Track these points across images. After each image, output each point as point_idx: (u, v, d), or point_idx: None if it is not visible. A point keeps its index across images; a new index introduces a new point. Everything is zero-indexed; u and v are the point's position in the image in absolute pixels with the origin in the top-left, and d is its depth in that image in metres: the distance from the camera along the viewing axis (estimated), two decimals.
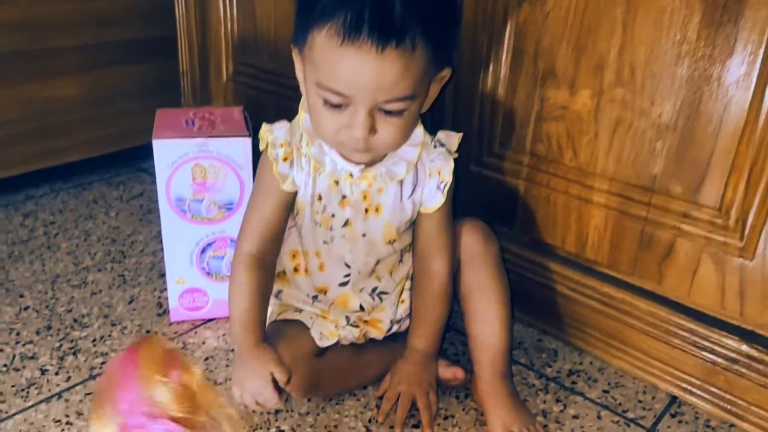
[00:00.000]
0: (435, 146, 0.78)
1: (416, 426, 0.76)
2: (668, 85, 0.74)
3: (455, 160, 0.79)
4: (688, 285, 0.79)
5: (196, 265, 0.90)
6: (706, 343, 0.79)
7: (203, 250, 0.89)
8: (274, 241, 0.77)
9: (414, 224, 0.81)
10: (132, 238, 1.15)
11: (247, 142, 0.84)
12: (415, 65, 0.64)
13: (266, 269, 0.77)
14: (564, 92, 0.82)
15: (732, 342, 0.77)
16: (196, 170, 0.84)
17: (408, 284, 0.85)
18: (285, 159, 0.74)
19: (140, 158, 1.44)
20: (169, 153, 0.83)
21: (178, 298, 0.92)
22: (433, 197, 0.78)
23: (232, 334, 0.77)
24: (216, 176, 0.85)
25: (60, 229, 1.16)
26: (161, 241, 0.90)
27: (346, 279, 0.79)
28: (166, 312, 0.94)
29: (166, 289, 0.94)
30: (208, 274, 0.91)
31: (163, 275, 0.99)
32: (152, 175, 1.35)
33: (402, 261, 0.83)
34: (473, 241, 0.83)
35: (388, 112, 0.66)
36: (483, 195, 0.95)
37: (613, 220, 0.84)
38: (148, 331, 0.90)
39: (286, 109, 0.81)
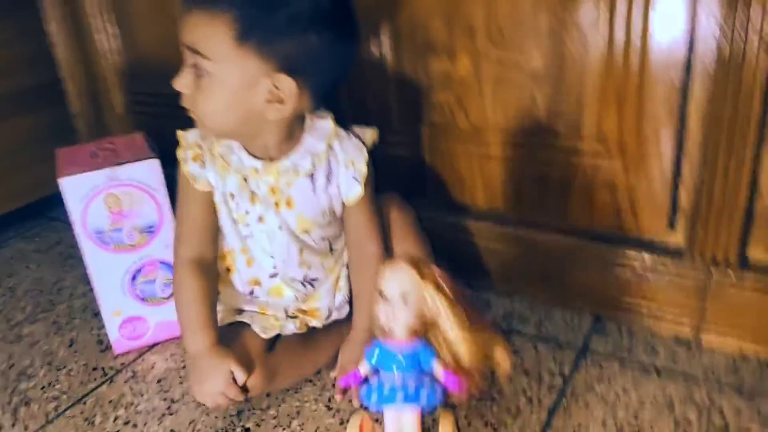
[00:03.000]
0: (350, 138, 0.81)
1: None
2: (534, 37, 0.81)
3: (371, 151, 0.82)
4: (589, 212, 0.87)
5: (130, 294, 0.91)
6: (615, 261, 0.87)
7: (134, 277, 0.90)
8: (209, 242, 0.81)
9: (343, 214, 0.84)
10: (58, 285, 1.13)
11: (155, 163, 0.86)
12: (215, 27, 0.68)
13: (207, 271, 0.80)
14: (445, 61, 0.89)
15: (635, 253, 0.85)
16: (109, 200, 0.85)
17: (344, 272, 0.88)
18: (195, 159, 0.78)
19: (49, 208, 1.41)
20: (79, 188, 0.83)
21: (119, 330, 0.92)
22: (352, 188, 0.81)
23: (185, 341, 0.79)
24: (131, 203, 0.86)
25: None
26: (88, 282, 0.90)
27: (275, 270, 0.83)
28: (108, 347, 0.94)
29: (103, 326, 0.94)
30: (143, 299, 0.92)
31: (96, 314, 0.99)
32: (64, 221, 1.33)
33: (333, 250, 0.86)
34: (394, 214, 0.88)
35: (198, 72, 0.70)
36: (392, 172, 1.00)
37: (512, 169, 0.91)
38: (95, 369, 0.91)
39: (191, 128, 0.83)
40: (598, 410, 0.76)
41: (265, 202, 0.79)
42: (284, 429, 0.77)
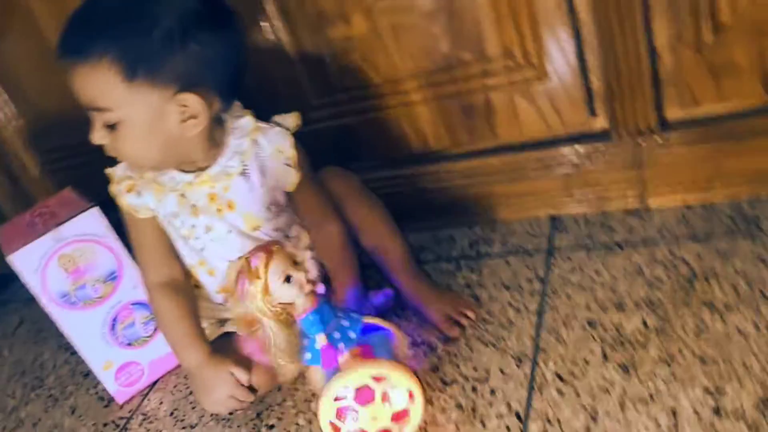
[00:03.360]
0: (272, 128, 0.82)
1: None
2: None
3: (295, 134, 0.83)
4: (516, 126, 0.91)
5: (114, 343, 0.91)
6: (553, 162, 0.92)
7: (113, 326, 0.90)
8: (171, 262, 0.82)
9: (291, 202, 0.85)
10: (38, 361, 1.12)
11: (95, 211, 0.85)
12: (101, 76, 0.68)
13: (181, 289, 0.82)
14: (340, 26, 0.90)
15: (568, 149, 0.90)
16: (63, 261, 0.84)
17: (308, 254, 0.90)
18: (129, 190, 0.78)
19: None
20: (30, 259, 0.82)
21: (115, 381, 0.92)
22: (287, 175, 0.83)
23: (181, 360, 0.81)
24: (85, 257, 0.86)
25: None
26: (66, 349, 0.90)
27: None
28: (111, 400, 0.94)
29: (98, 383, 0.94)
30: (129, 344, 0.92)
31: (87, 374, 0.99)
32: (18, 302, 1.30)
33: (289, 238, 0.88)
34: (338, 184, 0.90)
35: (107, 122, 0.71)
36: (323, 147, 1.02)
37: (435, 108, 0.94)
38: (105, 425, 0.91)
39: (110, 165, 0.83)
40: (580, 298, 0.81)
41: (207, 211, 0.80)
42: (305, 413, 0.80)
